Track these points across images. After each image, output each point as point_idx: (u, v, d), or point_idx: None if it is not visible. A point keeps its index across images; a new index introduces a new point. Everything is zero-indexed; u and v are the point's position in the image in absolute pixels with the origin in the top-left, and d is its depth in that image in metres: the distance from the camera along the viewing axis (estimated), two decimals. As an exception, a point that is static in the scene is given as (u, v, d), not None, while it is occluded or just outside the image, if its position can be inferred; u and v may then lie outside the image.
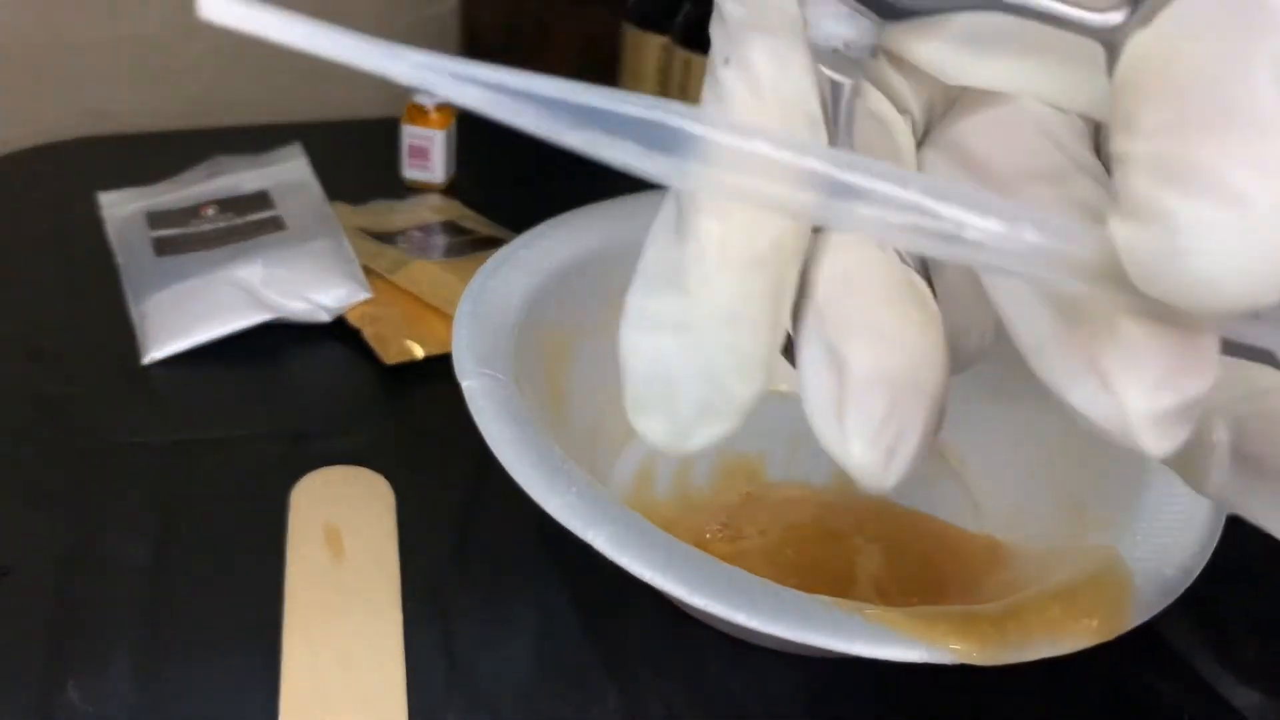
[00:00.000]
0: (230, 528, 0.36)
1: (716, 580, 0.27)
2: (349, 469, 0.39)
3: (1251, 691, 0.34)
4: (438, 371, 0.43)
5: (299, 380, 0.45)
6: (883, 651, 0.26)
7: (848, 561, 0.36)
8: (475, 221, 0.56)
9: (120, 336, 0.45)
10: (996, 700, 0.33)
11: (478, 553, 0.36)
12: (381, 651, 0.32)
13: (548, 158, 0.68)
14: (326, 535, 0.36)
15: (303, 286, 0.46)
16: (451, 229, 0.55)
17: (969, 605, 0.28)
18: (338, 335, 0.47)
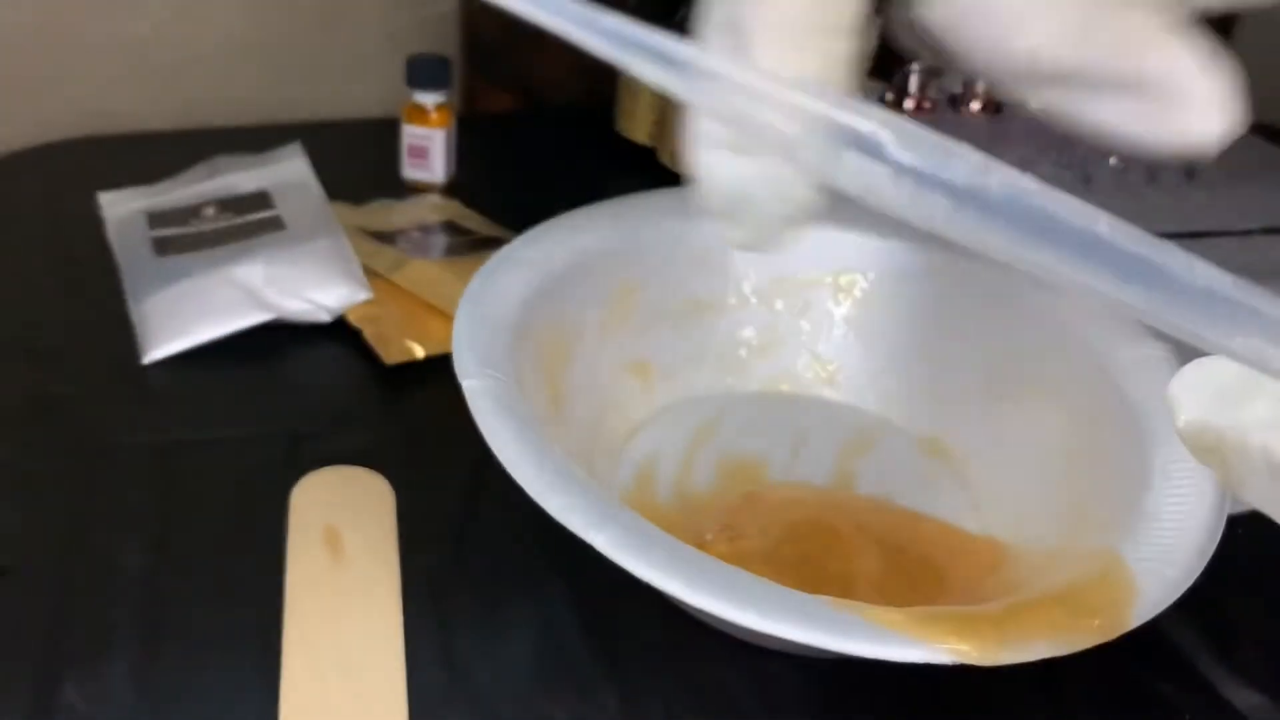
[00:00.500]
0: (230, 528, 0.36)
1: (716, 580, 0.27)
2: (349, 469, 0.39)
3: (1253, 692, 0.34)
4: (438, 371, 0.42)
5: (299, 380, 0.45)
6: (883, 652, 0.26)
7: (848, 562, 0.36)
8: (475, 221, 0.56)
9: (120, 336, 0.45)
10: (997, 701, 0.33)
11: (478, 553, 0.36)
12: (381, 651, 0.32)
13: (548, 158, 0.68)
14: (326, 535, 0.36)
15: (303, 286, 0.46)
16: (451, 229, 0.55)
17: (969, 606, 0.28)
18: (338, 335, 0.47)
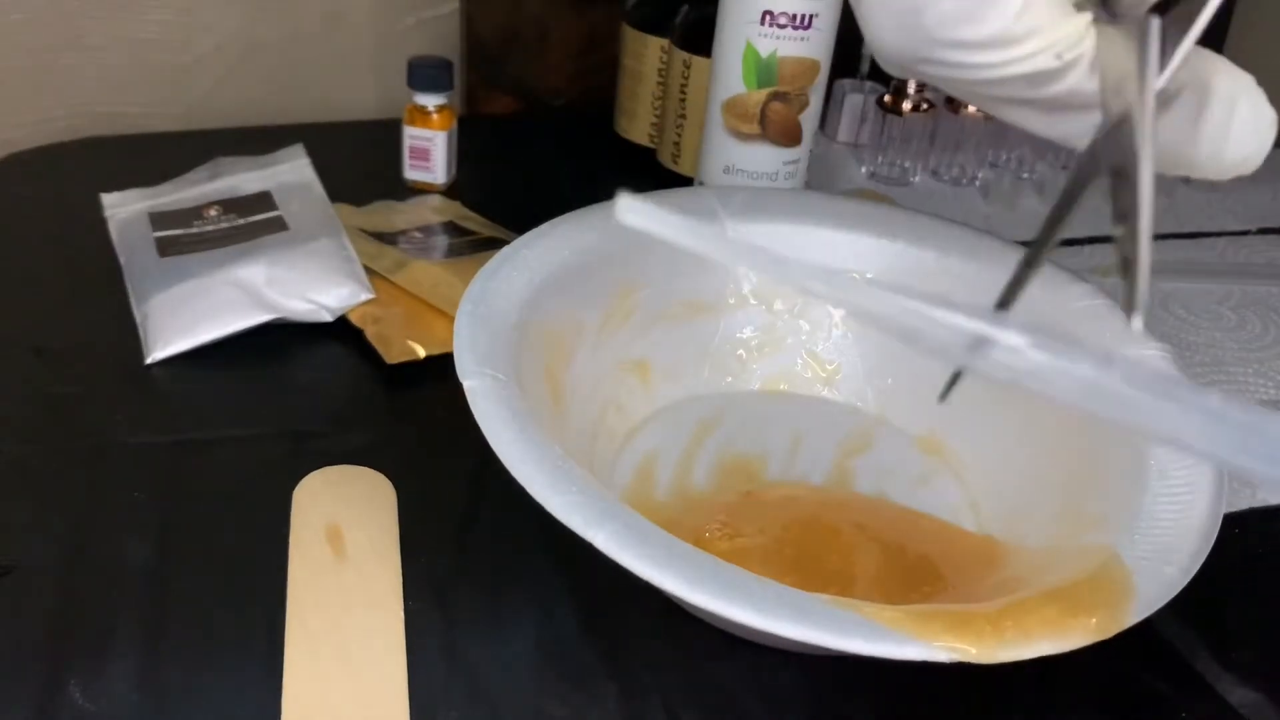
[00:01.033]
0: (232, 527, 0.37)
1: (716, 578, 0.27)
2: (351, 468, 0.39)
3: (1250, 690, 0.34)
4: (439, 371, 0.43)
5: (301, 380, 0.45)
6: (881, 649, 0.26)
7: (846, 560, 0.36)
8: (476, 222, 0.56)
9: (123, 336, 0.46)
10: (995, 699, 0.33)
11: (478, 551, 0.37)
12: (383, 649, 0.32)
13: (548, 159, 0.68)
14: (328, 534, 0.36)
15: (305, 287, 0.47)
16: (452, 229, 0.55)
17: (966, 604, 0.28)
18: (339, 335, 0.47)
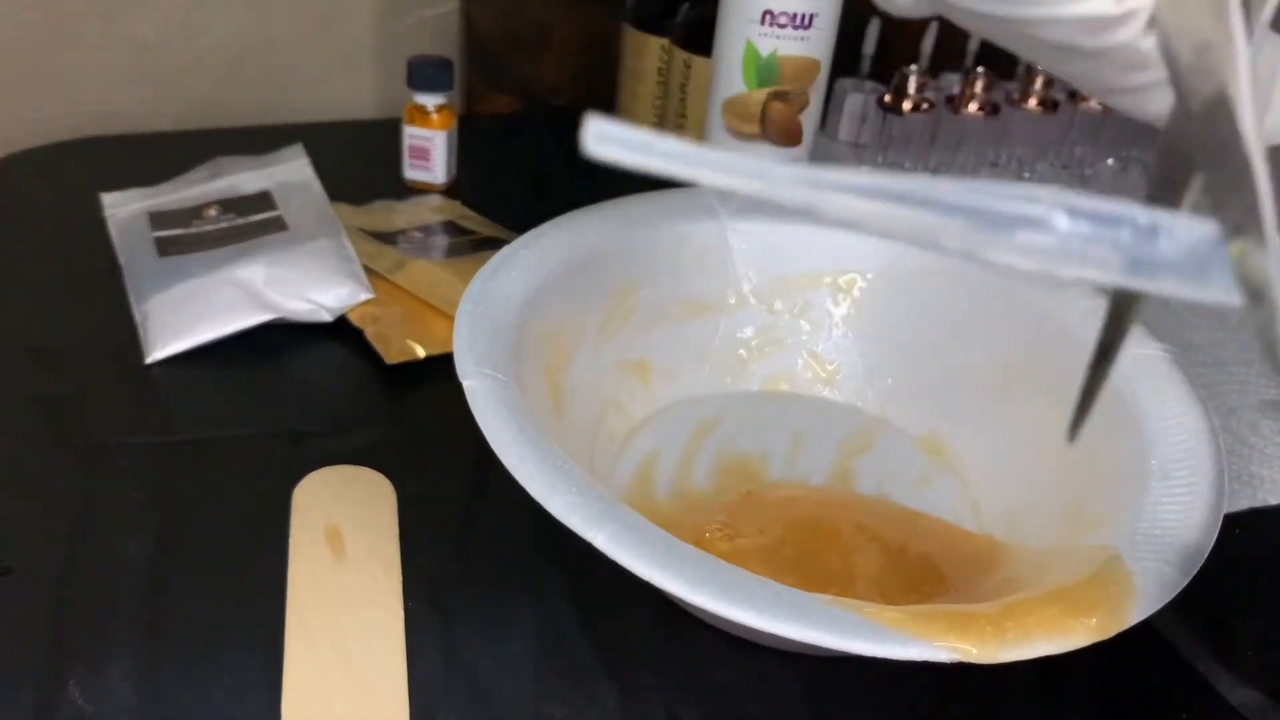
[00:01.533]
0: (232, 527, 0.37)
1: (716, 579, 0.27)
2: (350, 468, 0.39)
3: (1250, 691, 0.34)
4: (439, 371, 0.43)
5: (300, 380, 0.45)
6: (881, 650, 0.26)
7: (847, 560, 0.36)
8: (476, 222, 0.56)
9: (122, 336, 0.45)
10: (996, 699, 0.33)
11: (478, 551, 0.37)
12: (383, 650, 0.32)
13: (548, 159, 0.68)
14: (328, 535, 0.36)
15: (304, 287, 0.47)
16: (452, 229, 0.55)
17: (967, 604, 0.28)
18: (339, 335, 0.47)
